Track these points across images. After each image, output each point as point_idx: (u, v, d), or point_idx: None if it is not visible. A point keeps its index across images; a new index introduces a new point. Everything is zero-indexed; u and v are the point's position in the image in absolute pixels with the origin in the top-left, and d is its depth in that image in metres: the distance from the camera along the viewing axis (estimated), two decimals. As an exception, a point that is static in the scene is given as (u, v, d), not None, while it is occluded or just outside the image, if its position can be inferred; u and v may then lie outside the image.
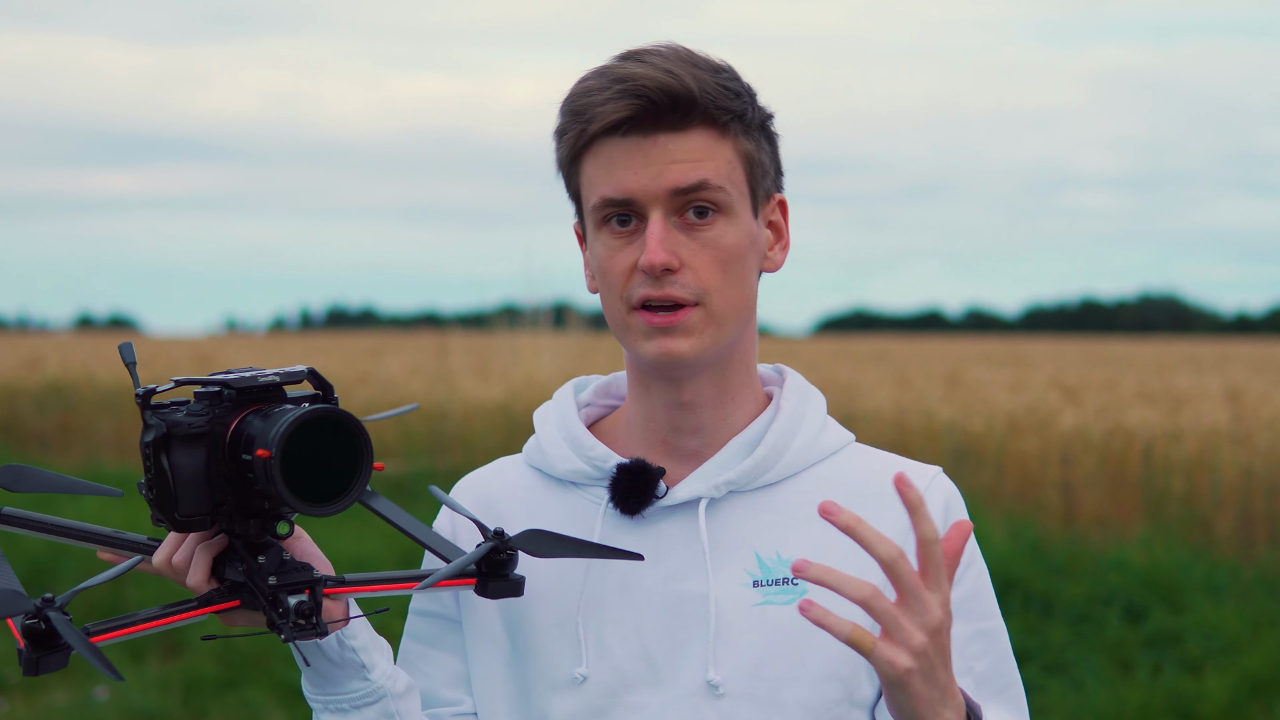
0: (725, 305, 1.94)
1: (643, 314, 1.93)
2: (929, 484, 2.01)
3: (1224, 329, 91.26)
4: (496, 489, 2.07)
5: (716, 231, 1.93)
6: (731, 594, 1.96)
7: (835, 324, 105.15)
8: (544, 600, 1.99)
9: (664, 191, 1.91)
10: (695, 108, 1.90)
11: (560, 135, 1.96)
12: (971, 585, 1.99)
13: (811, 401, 2.06)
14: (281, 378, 1.85)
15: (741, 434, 2.01)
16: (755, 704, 1.93)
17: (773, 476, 2.00)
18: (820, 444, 2.03)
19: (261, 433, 1.77)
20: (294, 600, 1.82)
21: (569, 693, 1.97)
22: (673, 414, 2.01)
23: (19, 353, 29.14)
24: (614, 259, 1.94)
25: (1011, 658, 2.02)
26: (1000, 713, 1.97)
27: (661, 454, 2.02)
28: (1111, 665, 8.42)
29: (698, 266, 1.92)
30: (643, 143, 1.91)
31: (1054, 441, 12.14)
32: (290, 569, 1.84)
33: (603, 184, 1.92)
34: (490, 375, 17.81)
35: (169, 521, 1.82)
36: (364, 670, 1.94)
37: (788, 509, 1.99)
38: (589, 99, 1.92)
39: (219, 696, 8.43)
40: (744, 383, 2.03)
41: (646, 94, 1.89)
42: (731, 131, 1.93)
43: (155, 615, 1.83)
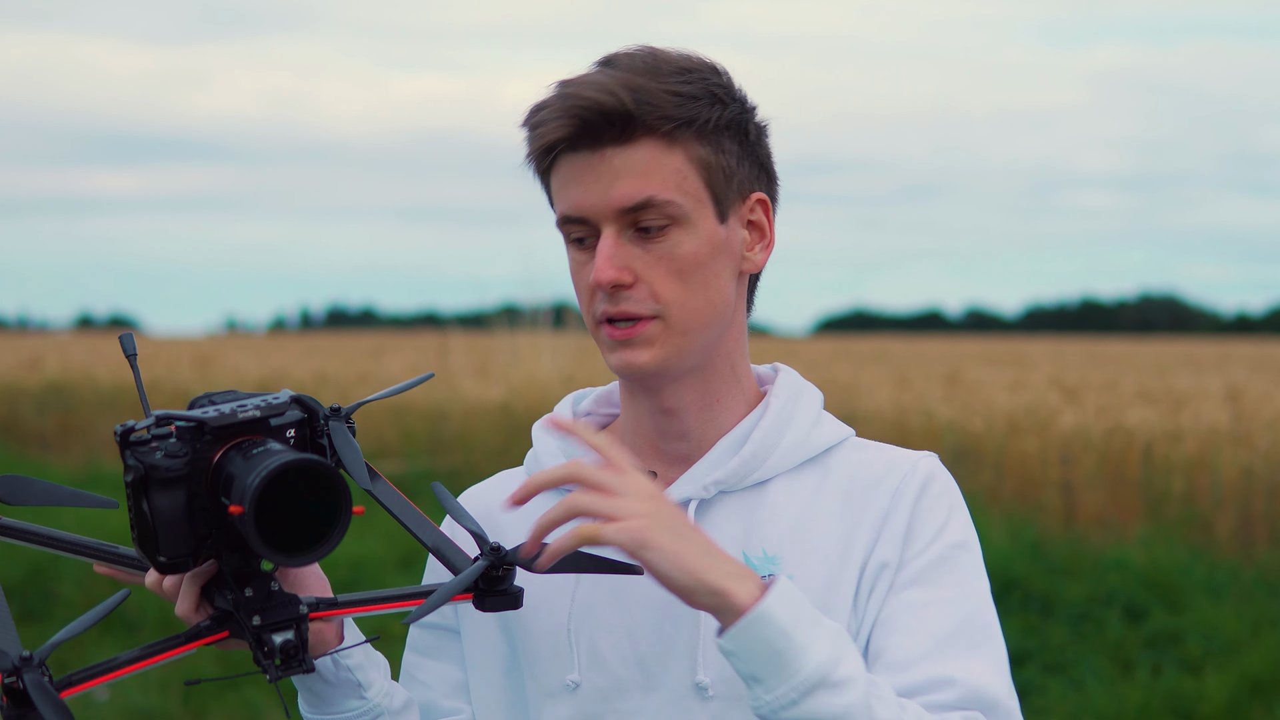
0: (686, 315, 1.93)
1: (607, 328, 1.94)
2: (911, 468, 1.98)
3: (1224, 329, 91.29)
4: (496, 501, 2.05)
5: (671, 242, 1.92)
6: None
7: (835, 324, 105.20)
8: (537, 608, 1.99)
9: (611, 209, 1.91)
10: (632, 122, 1.89)
11: (526, 155, 1.97)
12: (937, 555, 1.93)
13: (804, 398, 2.05)
14: (263, 411, 1.79)
15: (729, 434, 2.01)
16: (744, 705, 1.91)
17: (762, 474, 1.99)
18: (813, 440, 2.02)
19: (237, 481, 1.72)
20: (279, 639, 1.79)
21: (562, 700, 1.97)
22: (657, 420, 2.01)
23: (19, 353, 29.15)
24: (578, 275, 1.95)
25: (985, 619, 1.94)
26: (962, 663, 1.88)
27: (652, 459, 2.02)
28: (1111, 665, 8.42)
29: (653, 279, 1.91)
30: (590, 158, 1.90)
31: (1054, 441, 12.14)
32: (276, 603, 1.80)
33: (561, 201, 1.94)
34: (490, 375, 17.81)
35: (152, 562, 1.79)
36: (360, 689, 1.93)
37: (776, 506, 1.98)
38: (539, 115, 1.93)
39: (219, 696, 8.43)
40: (730, 385, 2.02)
41: (580, 114, 1.89)
42: (679, 140, 1.91)
43: (141, 656, 1.80)
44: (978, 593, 1.95)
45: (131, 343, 1.88)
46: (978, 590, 1.95)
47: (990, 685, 1.88)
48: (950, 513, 1.97)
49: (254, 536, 1.69)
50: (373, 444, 15.55)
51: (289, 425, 1.82)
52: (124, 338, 1.88)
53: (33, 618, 10.28)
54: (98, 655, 9.22)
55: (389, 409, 16.57)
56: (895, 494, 1.97)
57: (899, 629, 1.90)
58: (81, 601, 10.25)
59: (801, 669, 1.74)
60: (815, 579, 1.94)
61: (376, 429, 16.12)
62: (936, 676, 1.87)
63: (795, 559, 1.95)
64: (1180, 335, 77.81)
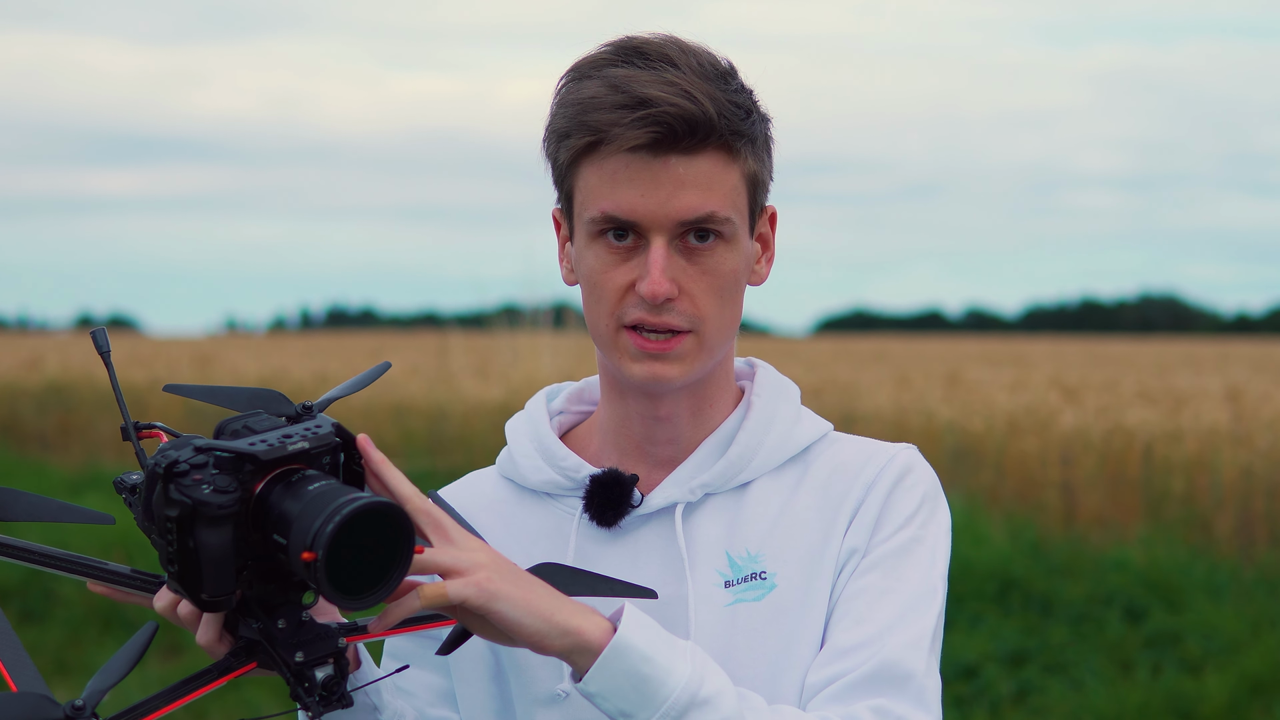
0: (716, 332, 1.92)
1: (633, 335, 1.90)
2: (887, 461, 1.97)
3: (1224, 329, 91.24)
4: (469, 503, 2.04)
5: (717, 259, 1.89)
6: (705, 595, 1.94)
7: (835, 324, 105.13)
8: None
9: (670, 219, 1.87)
10: (712, 133, 1.86)
11: (560, 137, 1.90)
12: (900, 543, 1.92)
13: (784, 396, 2.03)
14: (311, 443, 1.72)
15: (713, 435, 1.99)
16: None
17: (747, 475, 1.98)
18: (794, 438, 2.01)
19: (299, 523, 1.65)
20: (321, 675, 1.74)
21: (553, 707, 1.96)
22: (648, 425, 1.99)
23: (19, 353, 29.14)
24: (608, 274, 1.90)
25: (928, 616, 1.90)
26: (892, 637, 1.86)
27: (635, 460, 2.00)
28: (1111, 665, 8.42)
29: (695, 293, 1.89)
30: (652, 163, 1.85)
31: (1054, 441, 12.13)
32: (312, 635, 1.74)
33: (604, 198, 1.88)
34: (490, 375, 17.80)
35: (193, 600, 1.72)
36: (375, 712, 1.91)
37: (759, 505, 1.97)
38: (600, 113, 1.85)
39: (219, 696, 8.42)
40: (721, 390, 2.01)
41: (667, 120, 1.83)
42: (741, 155, 1.89)
43: (174, 695, 1.75)
44: (930, 586, 1.92)
45: (104, 339, 1.81)
46: (931, 583, 1.92)
47: (904, 658, 1.85)
48: (922, 502, 1.95)
49: (325, 584, 1.63)
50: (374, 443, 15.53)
51: (326, 452, 1.75)
52: (96, 334, 1.82)
53: (33, 618, 10.28)
54: (99, 659, 9.21)
55: (389, 409, 16.57)
56: (870, 485, 1.96)
57: (849, 615, 1.89)
58: (81, 602, 10.24)
59: (670, 692, 1.74)
60: (795, 575, 1.94)
61: (377, 429, 16.11)
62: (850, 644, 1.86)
63: (776, 556, 1.95)
64: (1180, 335, 77.77)
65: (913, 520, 1.94)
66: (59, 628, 9.99)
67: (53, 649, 9.60)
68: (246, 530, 1.70)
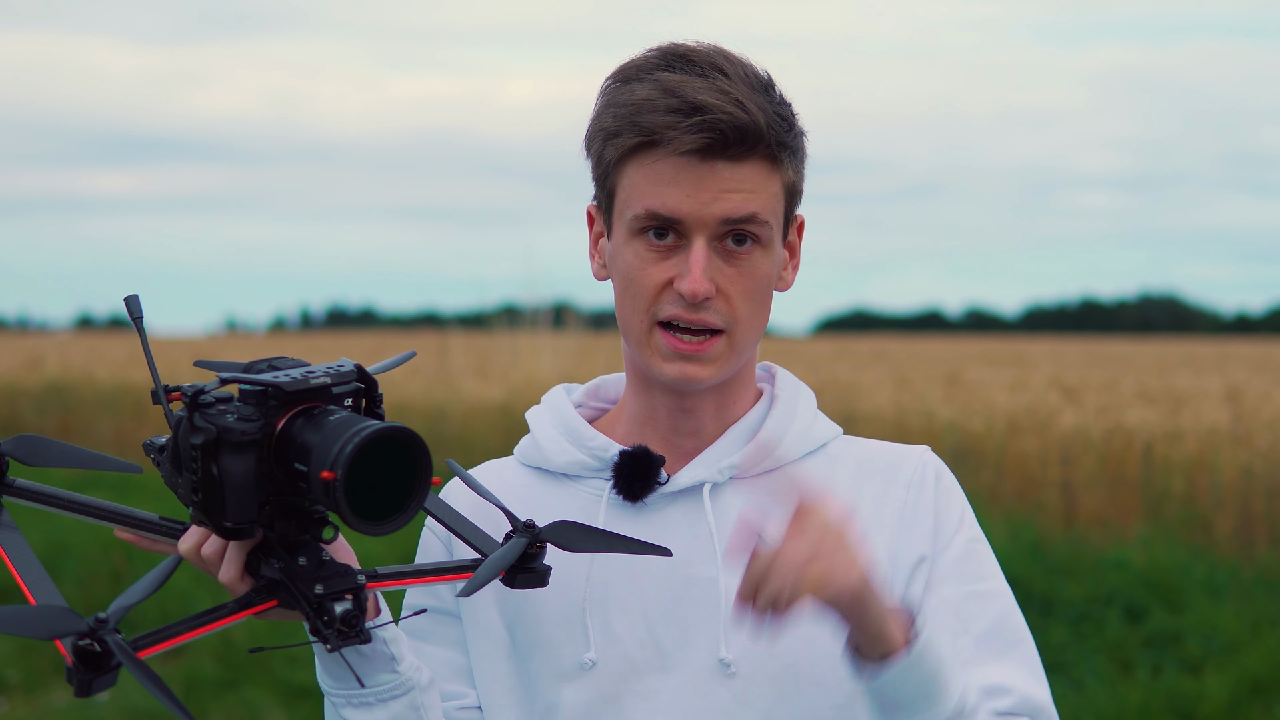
0: (748, 334, 1.97)
1: (666, 335, 1.94)
2: (919, 460, 2.05)
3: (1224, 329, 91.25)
4: (491, 488, 2.04)
5: (753, 262, 1.94)
6: (738, 575, 1.95)
7: (835, 324, 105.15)
8: (547, 591, 1.99)
9: (714, 219, 1.91)
10: (760, 142, 1.91)
11: (609, 135, 1.94)
12: (964, 548, 2.01)
13: (802, 395, 2.09)
14: (332, 379, 1.77)
15: (740, 422, 2.04)
16: (768, 682, 1.95)
17: (771, 463, 2.02)
18: (813, 434, 2.06)
19: (320, 448, 1.69)
20: (340, 608, 1.76)
21: (578, 681, 1.97)
22: (674, 416, 2.03)
23: (19, 353, 29.14)
24: (646, 271, 1.94)
25: (1017, 616, 2.02)
26: (1010, 669, 1.97)
27: (660, 450, 2.04)
28: (1111, 665, 8.42)
29: (732, 295, 1.94)
30: (699, 166, 1.90)
31: (1054, 441, 12.13)
32: (333, 573, 1.77)
33: (649, 197, 1.92)
34: (490, 375, 17.80)
35: (216, 528, 1.75)
36: (394, 662, 1.91)
37: (789, 491, 2.00)
38: (655, 116, 1.90)
39: (219, 696, 8.42)
40: (744, 386, 2.06)
41: (720, 128, 1.88)
42: (783, 164, 1.94)
43: (196, 623, 1.76)
44: (1003, 584, 2.04)
45: (138, 305, 1.84)
46: (1001, 580, 2.04)
47: (1038, 693, 1.98)
48: (964, 506, 2.05)
49: (343, 503, 1.67)
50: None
51: (349, 394, 1.79)
52: (130, 299, 1.84)
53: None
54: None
55: (389, 408, 16.52)
56: (911, 485, 2.02)
57: (944, 629, 1.95)
58: (82, 602, 10.24)
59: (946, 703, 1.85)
60: None
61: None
62: (992, 684, 1.95)
63: None
64: (1180, 335, 77.78)
65: (964, 522, 2.04)
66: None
67: (53, 649, 9.57)
68: (269, 463, 1.74)
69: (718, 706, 1.95)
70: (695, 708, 1.95)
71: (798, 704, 1.95)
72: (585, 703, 1.97)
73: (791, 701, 1.95)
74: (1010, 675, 1.96)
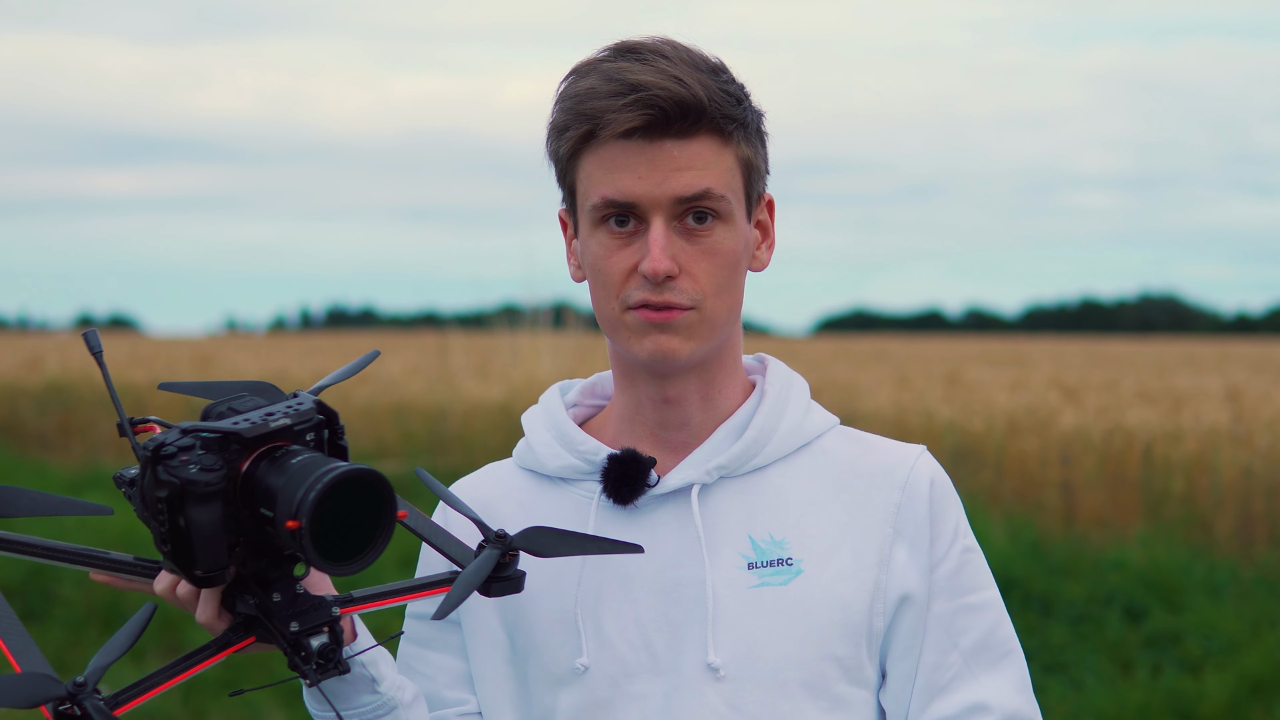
0: (718, 310, 1.97)
1: (638, 311, 1.95)
2: (914, 463, 2.04)
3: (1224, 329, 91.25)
4: (490, 492, 2.08)
5: (715, 238, 1.95)
6: (727, 577, 1.97)
7: (835, 324, 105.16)
8: (541, 596, 2.00)
9: (667, 199, 1.92)
10: (704, 116, 1.92)
11: (559, 131, 1.97)
12: (956, 561, 2.01)
13: (794, 386, 2.08)
14: (293, 419, 1.77)
15: (729, 420, 2.04)
16: (757, 685, 1.95)
17: (761, 460, 2.02)
18: (806, 427, 2.05)
19: (284, 494, 1.70)
20: (316, 643, 1.78)
21: (571, 685, 1.98)
22: (659, 409, 2.03)
23: (19, 353, 29.15)
24: (611, 259, 1.95)
25: (1007, 627, 2.02)
26: (995, 683, 1.98)
27: (650, 447, 2.04)
28: (1111, 665, 8.42)
29: (696, 273, 1.94)
30: (648, 148, 1.92)
31: (1054, 441, 12.14)
32: (306, 606, 1.79)
33: (604, 185, 1.94)
34: (490, 375, 17.81)
35: (188, 577, 1.76)
36: (374, 683, 1.92)
37: (778, 491, 2.01)
38: (596, 101, 1.92)
39: (219, 696, 8.42)
40: (729, 376, 2.05)
41: (658, 104, 1.90)
42: (734, 139, 1.95)
43: (174, 671, 1.78)
44: (994, 593, 2.03)
45: (96, 339, 1.85)
46: (993, 590, 2.03)
47: (1023, 708, 1.98)
48: (959, 515, 2.04)
49: (310, 550, 1.68)
50: (373, 443, 15.55)
51: (310, 429, 1.80)
52: (88, 335, 1.84)
53: (33, 618, 10.28)
54: (98, 655, 9.21)
55: (389, 409, 16.57)
56: (904, 489, 2.02)
57: (931, 644, 1.97)
58: (81, 602, 10.24)
59: None
60: (821, 561, 1.98)
61: (377, 429, 16.12)
62: (973, 703, 1.96)
63: (801, 542, 1.99)
64: (1180, 335, 77.79)
65: (958, 532, 2.03)
66: (59, 628, 10.00)
67: (53, 649, 9.60)
68: (236, 507, 1.74)
69: (708, 710, 1.95)
70: (686, 711, 1.95)
71: (787, 708, 1.96)
72: (579, 707, 1.98)
73: (781, 706, 1.95)
74: (994, 690, 1.98)
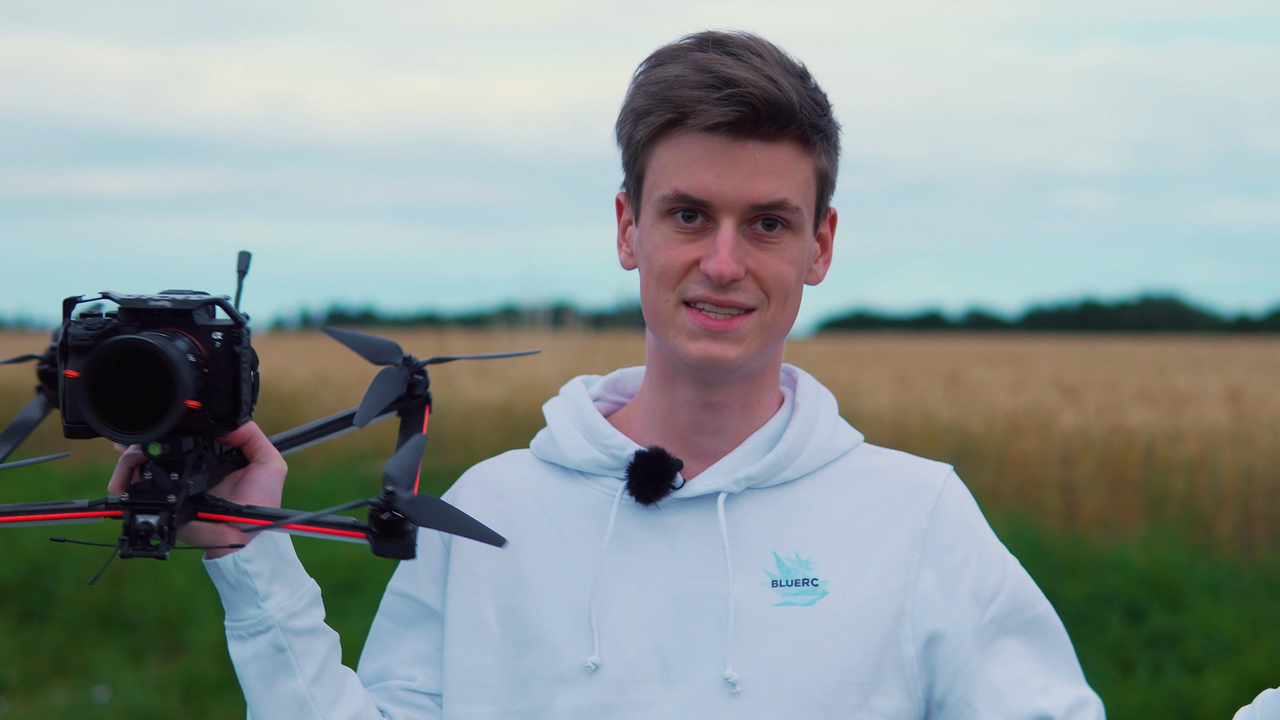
0: (777, 318, 1.93)
1: (693, 313, 1.91)
2: (942, 488, 2.01)
3: (1224, 329, 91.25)
4: (507, 481, 2.05)
5: (782, 247, 1.91)
6: (751, 593, 1.94)
7: (835, 324, 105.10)
8: (552, 591, 1.97)
9: (743, 202, 1.88)
10: (793, 121, 1.88)
11: (639, 115, 1.92)
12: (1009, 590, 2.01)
13: (824, 402, 2.05)
14: (173, 305, 1.84)
15: (760, 431, 2.00)
16: (775, 706, 1.91)
17: (789, 474, 1.98)
18: (834, 443, 2.02)
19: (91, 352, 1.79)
20: (140, 520, 1.81)
21: (577, 685, 1.94)
22: (697, 413, 1.99)
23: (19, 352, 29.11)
24: (673, 251, 1.91)
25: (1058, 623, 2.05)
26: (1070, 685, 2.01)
27: (679, 450, 1.99)
28: (1112, 665, 8.41)
29: (761, 277, 1.91)
30: (730, 146, 1.88)
31: (1054, 442, 12.13)
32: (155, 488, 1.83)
33: (679, 177, 1.89)
34: (490, 375, 17.79)
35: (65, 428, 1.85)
36: (256, 597, 1.89)
37: (805, 508, 1.98)
38: (685, 90, 1.87)
39: (219, 696, 8.42)
40: (770, 388, 2.02)
41: (751, 101, 1.86)
42: (815, 149, 1.92)
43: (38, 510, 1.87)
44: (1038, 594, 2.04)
45: (247, 262, 1.98)
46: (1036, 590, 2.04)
47: (1098, 700, 2.02)
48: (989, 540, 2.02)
49: (85, 402, 1.77)
50: (372, 443, 15.55)
51: (216, 328, 1.86)
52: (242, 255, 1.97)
53: (33, 618, 10.27)
54: (99, 659, 9.21)
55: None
56: (932, 515, 1.99)
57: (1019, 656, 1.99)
58: (81, 602, 10.24)
59: None
60: (847, 585, 1.95)
61: (376, 428, 16.09)
62: (1076, 698, 1.99)
63: (828, 564, 1.96)
64: (1180, 335, 77.72)
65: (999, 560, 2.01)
66: (59, 628, 9.99)
67: (53, 649, 9.59)
68: None
69: None
70: None
71: None
72: (580, 709, 1.93)
73: None
74: (1077, 689, 2.01)
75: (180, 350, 1.79)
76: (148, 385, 1.77)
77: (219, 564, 1.89)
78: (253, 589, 1.89)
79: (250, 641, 1.90)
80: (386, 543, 1.83)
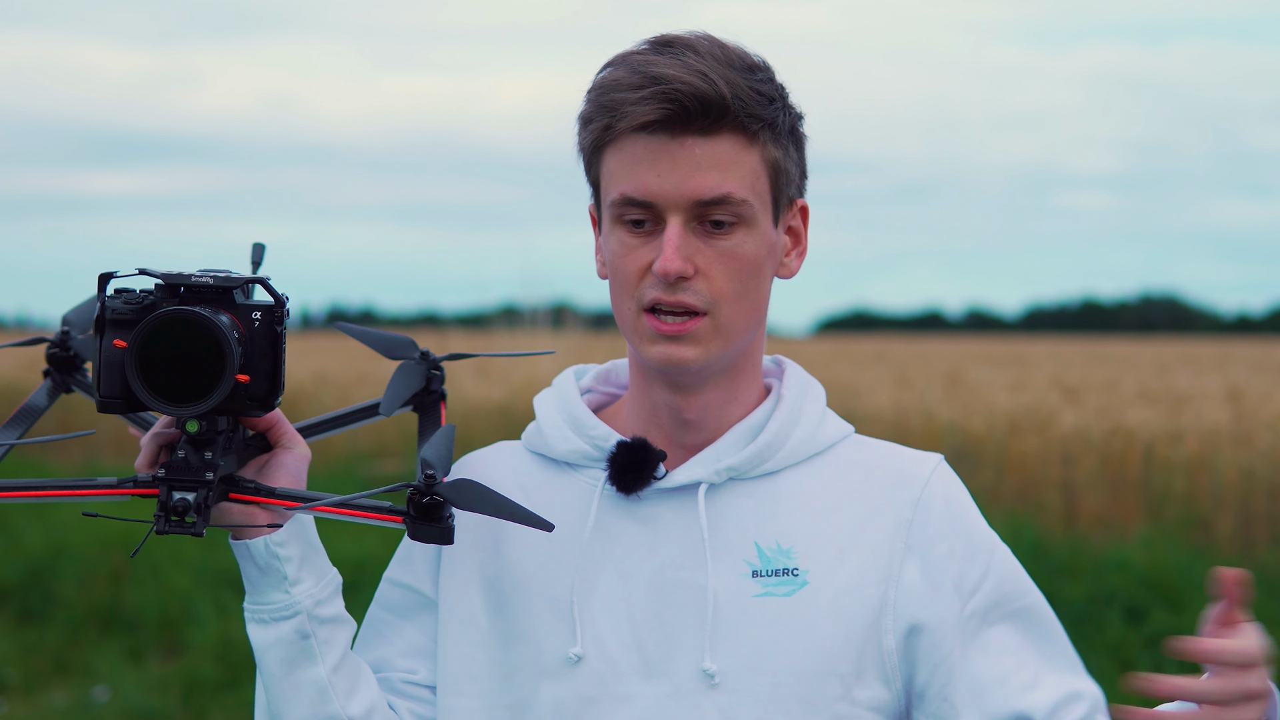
0: (735, 316, 1.92)
1: (650, 318, 1.91)
2: (929, 477, 2.00)
3: (1224, 329, 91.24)
4: (497, 470, 2.05)
5: (735, 241, 1.91)
6: (730, 584, 1.94)
7: (835, 324, 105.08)
8: (533, 582, 1.97)
9: (686, 199, 1.89)
10: (726, 114, 1.88)
11: (585, 123, 1.94)
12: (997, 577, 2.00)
13: (811, 393, 2.04)
14: (216, 281, 1.83)
15: (742, 422, 1.99)
16: (754, 698, 1.91)
17: (772, 465, 1.98)
18: (820, 435, 2.01)
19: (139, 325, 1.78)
20: (177, 496, 1.81)
21: (559, 677, 1.94)
22: (676, 415, 1.99)
23: (18, 353, 29.13)
24: (628, 257, 1.92)
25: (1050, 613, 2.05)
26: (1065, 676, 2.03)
27: (664, 443, 2.00)
28: (1112, 665, 8.41)
29: (712, 275, 1.90)
30: (669, 144, 1.88)
31: (1054, 442, 12.12)
32: (192, 466, 1.82)
33: (623, 181, 1.90)
34: (490, 375, 17.79)
35: (98, 402, 1.84)
36: (285, 582, 1.90)
37: (787, 499, 1.97)
38: (618, 93, 1.89)
39: (219, 696, 8.42)
40: (749, 383, 2.01)
41: (678, 98, 1.86)
42: (760, 139, 1.91)
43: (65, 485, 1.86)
44: (1030, 584, 2.03)
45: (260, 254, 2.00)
46: (1027, 580, 2.03)
47: (1096, 690, 2.05)
48: (978, 528, 2.00)
49: (134, 373, 1.75)
50: (372, 443, 15.55)
51: (255, 307, 1.85)
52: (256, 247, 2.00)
53: (33, 618, 10.27)
54: (99, 659, 9.21)
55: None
56: (917, 506, 1.98)
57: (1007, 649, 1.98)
58: (81, 602, 10.23)
59: None
60: (828, 575, 1.95)
61: (376, 428, 16.10)
62: (1066, 692, 2.00)
63: (809, 554, 1.95)
64: (1180, 335, 77.71)
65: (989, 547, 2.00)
66: (59, 628, 9.99)
67: (53, 649, 9.59)
68: None
69: (700, 719, 1.91)
70: (677, 718, 1.91)
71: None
72: (562, 701, 1.93)
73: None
74: (1077, 680, 2.03)
75: (226, 324, 1.79)
76: (198, 358, 1.76)
77: (249, 545, 1.89)
78: (282, 573, 1.90)
79: (274, 626, 1.90)
80: (425, 527, 1.83)
